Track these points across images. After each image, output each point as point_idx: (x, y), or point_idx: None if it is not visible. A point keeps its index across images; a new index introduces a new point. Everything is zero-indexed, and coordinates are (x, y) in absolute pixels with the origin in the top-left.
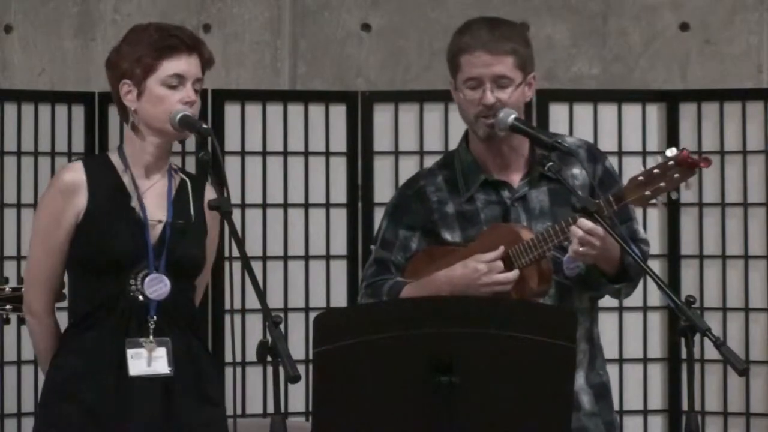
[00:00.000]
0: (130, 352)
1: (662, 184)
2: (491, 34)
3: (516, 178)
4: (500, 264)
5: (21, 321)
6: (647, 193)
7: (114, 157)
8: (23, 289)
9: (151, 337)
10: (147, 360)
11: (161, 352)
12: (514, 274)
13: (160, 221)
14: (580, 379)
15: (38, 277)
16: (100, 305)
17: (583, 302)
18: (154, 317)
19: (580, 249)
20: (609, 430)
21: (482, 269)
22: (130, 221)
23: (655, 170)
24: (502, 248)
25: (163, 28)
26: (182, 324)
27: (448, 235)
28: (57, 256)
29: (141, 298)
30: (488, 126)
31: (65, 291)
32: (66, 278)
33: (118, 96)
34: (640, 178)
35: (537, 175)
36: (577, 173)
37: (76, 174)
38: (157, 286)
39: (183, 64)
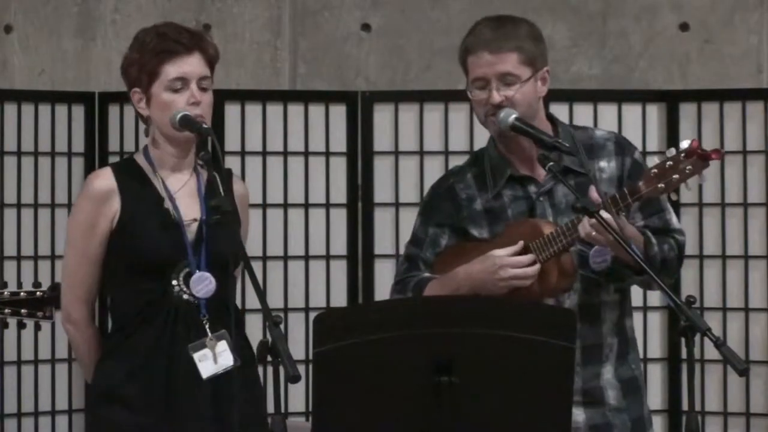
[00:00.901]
0: (196, 355)
1: (675, 176)
2: (494, 33)
3: (542, 173)
4: (522, 258)
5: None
6: (661, 185)
7: (140, 160)
8: (62, 299)
9: (210, 334)
10: (213, 358)
11: (223, 346)
12: (534, 269)
13: (195, 219)
14: (608, 374)
15: (76, 285)
16: (143, 308)
17: (610, 295)
18: (206, 315)
19: (594, 234)
20: (636, 427)
21: (500, 264)
22: (166, 223)
23: (668, 163)
24: (521, 243)
25: (162, 33)
26: (227, 320)
27: (475, 232)
28: (93, 264)
29: (187, 297)
30: (496, 125)
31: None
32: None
33: (132, 102)
34: (654, 171)
35: (563, 169)
36: (605, 166)
37: (106, 181)
38: (202, 284)
39: (183, 66)
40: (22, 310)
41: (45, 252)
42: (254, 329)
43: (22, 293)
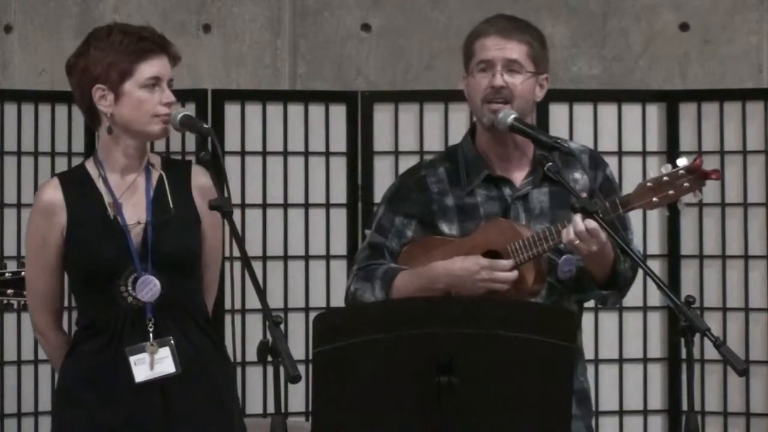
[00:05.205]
0: (132, 359)
1: (671, 191)
2: (509, 23)
3: (518, 177)
4: (504, 263)
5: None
6: (655, 199)
7: (90, 166)
8: (28, 308)
9: (151, 340)
10: (150, 364)
11: (165, 353)
12: (513, 275)
13: (138, 222)
14: None
15: (37, 295)
16: (96, 314)
17: (570, 305)
18: (152, 319)
19: (577, 242)
20: None
21: (483, 263)
22: (110, 230)
23: (665, 178)
24: (511, 262)
25: (129, 32)
26: (183, 322)
27: (445, 227)
28: (51, 274)
29: (134, 302)
30: (493, 112)
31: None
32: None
33: (89, 100)
34: (649, 184)
35: (541, 176)
36: (578, 177)
37: (52, 192)
38: (147, 288)
39: (158, 66)
40: (8, 291)
41: None
42: (254, 329)
43: (6, 274)
